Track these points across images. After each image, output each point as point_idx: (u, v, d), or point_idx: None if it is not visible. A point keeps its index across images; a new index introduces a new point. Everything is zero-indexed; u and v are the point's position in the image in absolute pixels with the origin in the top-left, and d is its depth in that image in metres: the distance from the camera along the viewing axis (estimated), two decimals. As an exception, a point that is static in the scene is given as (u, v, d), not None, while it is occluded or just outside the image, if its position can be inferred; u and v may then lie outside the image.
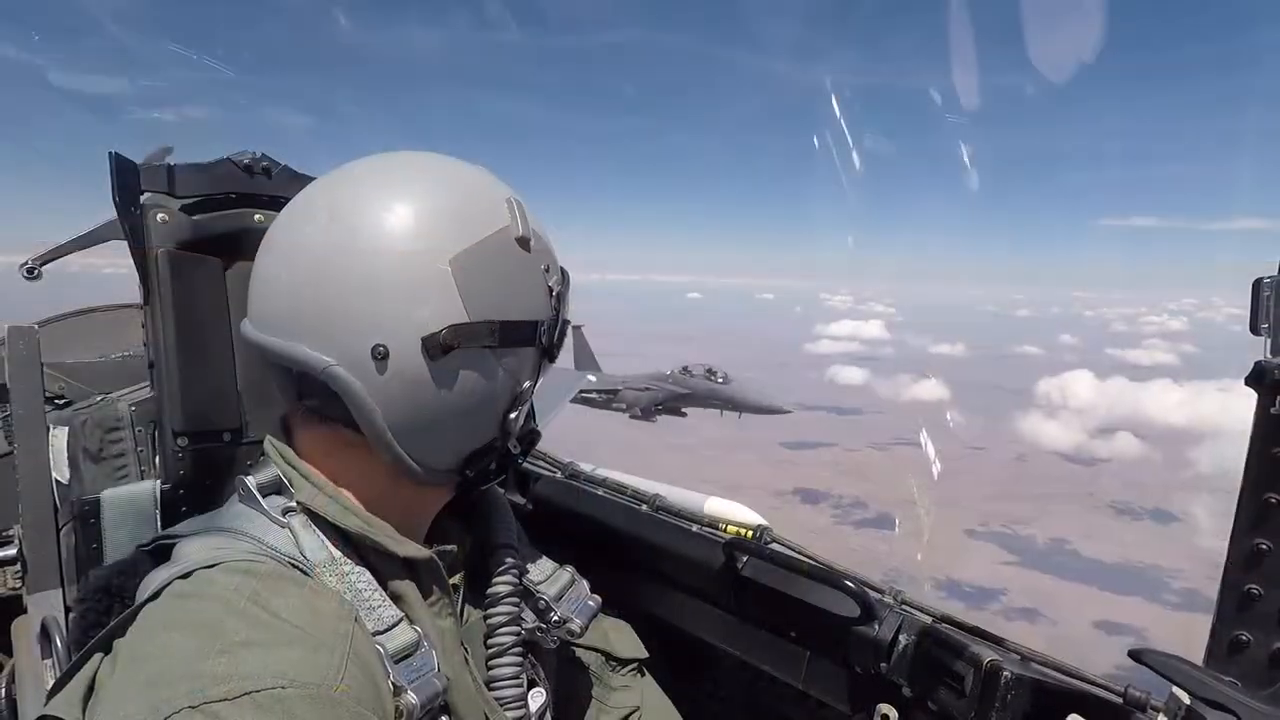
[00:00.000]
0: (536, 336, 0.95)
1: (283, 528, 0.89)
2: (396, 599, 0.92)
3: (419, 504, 1.02)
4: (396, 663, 0.84)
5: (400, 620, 0.88)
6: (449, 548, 1.02)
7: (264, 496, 0.92)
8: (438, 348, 0.87)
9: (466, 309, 0.88)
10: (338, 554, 0.89)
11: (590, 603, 1.13)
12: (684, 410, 40.00)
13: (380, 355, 0.86)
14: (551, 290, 0.97)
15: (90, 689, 0.77)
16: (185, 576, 0.81)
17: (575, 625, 1.09)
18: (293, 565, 0.86)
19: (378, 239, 0.87)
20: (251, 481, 0.93)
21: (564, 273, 1.02)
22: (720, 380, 38.67)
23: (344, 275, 0.87)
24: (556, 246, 1.02)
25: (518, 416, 0.97)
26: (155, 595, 0.80)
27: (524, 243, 0.94)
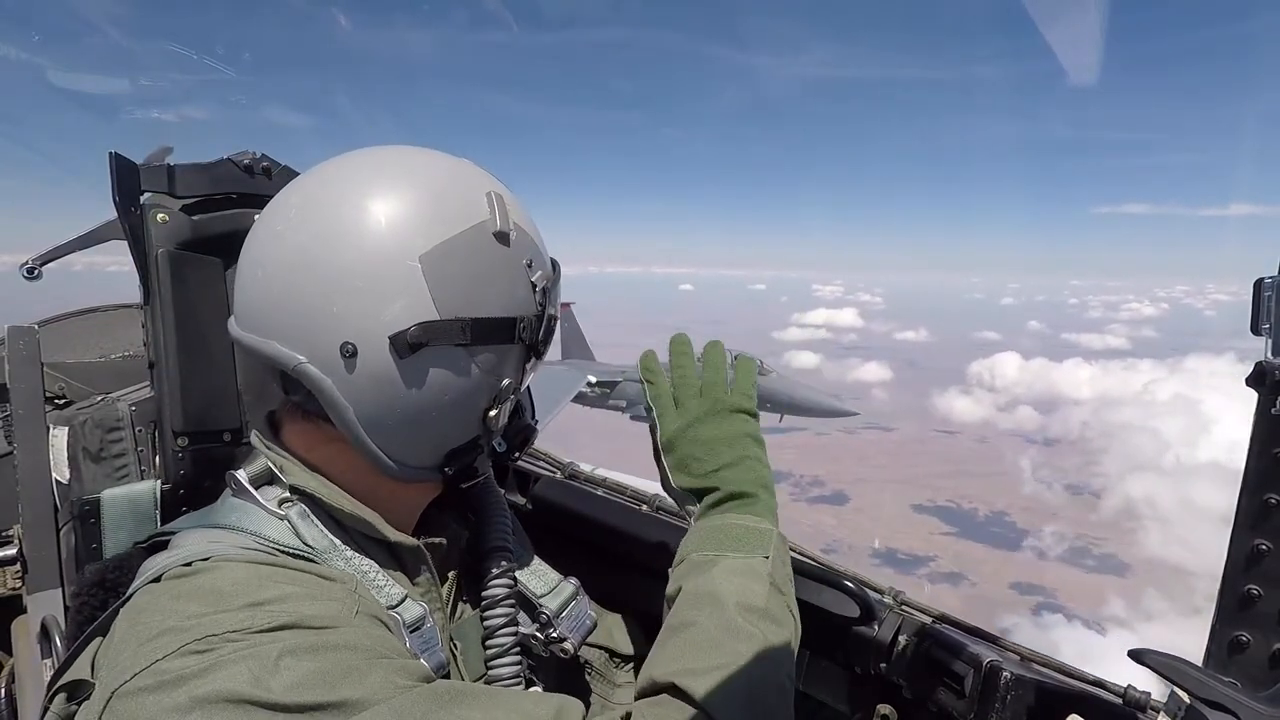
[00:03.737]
0: (516, 333, 0.87)
1: (281, 519, 0.84)
2: None
3: (403, 498, 0.95)
4: (410, 632, 0.82)
5: (406, 597, 0.85)
6: (437, 540, 0.96)
7: (256, 488, 0.86)
8: (406, 346, 0.80)
9: (437, 306, 0.81)
10: (337, 541, 0.85)
11: (588, 621, 1.06)
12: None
13: (349, 353, 0.80)
14: (535, 285, 0.89)
15: (94, 664, 0.73)
16: (185, 565, 0.76)
17: (569, 645, 1.02)
18: (295, 555, 0.81)
19: (347, 235, 0.80)
20: (243, 474, 0.87)
21: (555, 265, 0.94)
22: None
23: (313, 273, 0.80)
24: (546, 238, 0.93)
25: (499, 414, 0.89)
26: (155, 579, 0.76)
27: (503, 237, 0.86)
